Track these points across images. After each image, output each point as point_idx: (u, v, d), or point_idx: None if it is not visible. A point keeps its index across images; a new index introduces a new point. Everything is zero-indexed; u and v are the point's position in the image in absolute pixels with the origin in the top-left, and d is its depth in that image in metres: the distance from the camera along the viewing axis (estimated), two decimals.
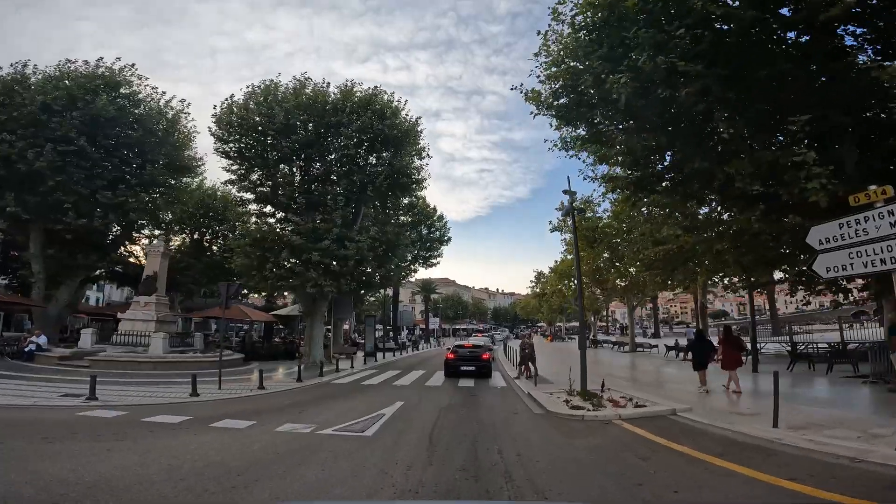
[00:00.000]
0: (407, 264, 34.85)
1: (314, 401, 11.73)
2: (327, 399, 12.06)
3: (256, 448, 6.78)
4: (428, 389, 14.06)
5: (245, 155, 22.29)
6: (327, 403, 11.23)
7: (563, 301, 43.17)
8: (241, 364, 22.04)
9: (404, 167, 22.10)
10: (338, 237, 19.78)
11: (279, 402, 11.57)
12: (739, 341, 12.59)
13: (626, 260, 19.75)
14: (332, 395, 12.76)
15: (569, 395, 11.68)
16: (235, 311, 26.65)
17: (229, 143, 21.82)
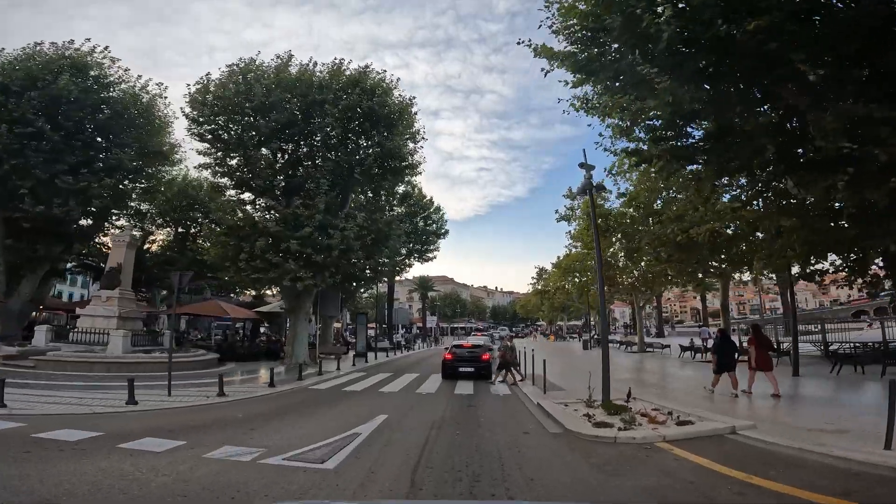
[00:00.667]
0: (402, 259, 32.77)
1: (278, 413, 9.64)
2: (295, 411, 9.96)
3: (156, 485, 4.76)
4: (419, 398, 11.98)
5: (221, 137, 20.27)
6: (292, 417, 9.13)
7: (567, 298, 41.09)
8: (216, 365, 20.00)
9: (396, 149, 19.98)
10: (320, 225, 17.67)
11: (233, 413, 9.47)
12: (769, 340, 11.74)
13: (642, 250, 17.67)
14: (303, 406, 10.65)
15: (588, 407, 9.62)
16: (213, 308, 24.55)
17: (204, 124, 19.78)
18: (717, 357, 11.33)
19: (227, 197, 21.12)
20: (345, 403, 11.07)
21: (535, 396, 11.66)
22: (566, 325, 69.28)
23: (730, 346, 11.51)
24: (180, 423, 8.19)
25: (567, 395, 11.88)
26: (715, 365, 11.32)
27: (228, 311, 23.38)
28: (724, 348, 11.37)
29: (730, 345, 11.60)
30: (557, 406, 10.07)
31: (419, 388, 13.63)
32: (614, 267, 30.51)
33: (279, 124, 19.21)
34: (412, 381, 15.49)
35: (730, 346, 11.51)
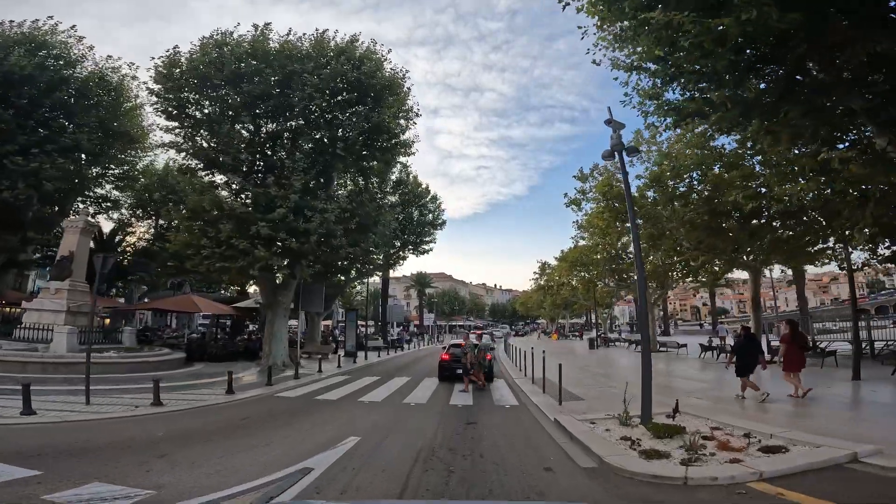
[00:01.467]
0: (395, 251, 30.43)
1: (215, 432, 7.36)
2: (239, 429, 7.65)
3: None
4: (406, 411, 9.68)
5: (187, 112, 17.96)
6: (227, 440, 6.82)
7: (572, 294, 38.80)
8: (181, 366, 17.69)
9: (383, 123, 17.61)
10: (297, 207, 15.34)
11: (153, 431, 7.18)
12: (806, 339, 10.73)
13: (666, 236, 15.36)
14: (254, 422, 8.33)
15: (623, 426, 7.38)
16: (186, 303, 22.21)
17: (172, 100, 17.49)
18: (739, 358, 10.01)
19: (196, 179, 18.79)
20: (310, 418, 8.76)
21: (549, 409, 9.38)
22: (568, 322, 66.99)
23: (755, 347, 10.18)
24: (65, 444, 6.00)
25: (588, 407, 9.63)
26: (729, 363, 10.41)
27: (201, 307, 21.03)
28: (748, 349, 10.05)
29: (755, 346, 10.26)
30: (582, 425, 7.78)
31: (408, 397, 11.32)
32: (625, 260, 28.32)
33: (252, 96, 16.93)
34: (401, 388, 13.22)
35: (755, 347, 10.18)
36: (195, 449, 6.23)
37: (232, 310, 24.43)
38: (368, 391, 12.41)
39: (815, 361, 17.01)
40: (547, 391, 11.61)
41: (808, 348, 11.62)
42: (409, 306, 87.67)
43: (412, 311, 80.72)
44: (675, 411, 8.01)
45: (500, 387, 13.37)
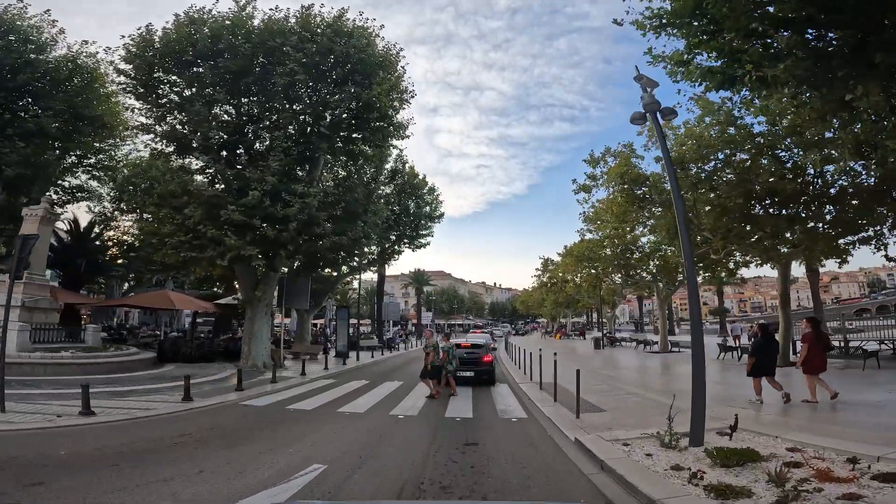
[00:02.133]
0: (391, 245, 28.72)
1: (130, 453, 5.72)
2: (166, 451, 5.96)
3: None
4: (391, 426, 7.98)
5: (158, 93, 16.33)
6: (133, 469, 5.09)
7: (576, 291, 37.08)
8: (150, 367, 16.06)
9: (373, 100, 15.92)
10: (274, 190, 13.66)
11: (49, 450, 5.55)
12: (829, 338, 10.31)
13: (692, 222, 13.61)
14: (193, 440, 6.62)
15: (667, 448, 5.73)
16: (160, 299, 20.52)
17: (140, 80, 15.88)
18: (759, 358, 9.19)
19: (168, 163, 17.10)
20: (271, 435, 7.06)
21: (565, 424, 7.71)
22: (570, 321, 65.33)
23: (773, 347, 9.68)
24: None
25: (612, 420, 7.96)
26: (749, 368, 9.26)
27: (177, 303, 19.31)
28: (766, 348, 9.41)
29: (774, 345, 9.78)
30: (613, 447, 6.10)
31: (397, 407, 9.64)
32: (635, 253, 26.63)
33: (228, 73, 15.31)
34: (391, 394, 11.55)
35: (773, 347, 9.68)
36: (80, 479, 4.57)
37: (214, 307, 22.71)
38: (352, 399, 10.73)
39: (855, 363, 15.42)
40: (559, 399, 9.95)
41: (831, 348, 10.89)
42: (408, 305, 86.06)
43: (410, 310, 79.10)
44: (733, 428, 6.32)
45: (504, 394, 11.69)
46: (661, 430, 6.59)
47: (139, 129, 17.55)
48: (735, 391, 10.66)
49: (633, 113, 8.23)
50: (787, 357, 16.18)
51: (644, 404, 9.53)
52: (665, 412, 8.62)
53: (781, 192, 12.92)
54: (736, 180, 12.98)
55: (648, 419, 8.03)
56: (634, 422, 7.81)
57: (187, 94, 16.33)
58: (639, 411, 8.77)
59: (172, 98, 16.47)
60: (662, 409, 8.85)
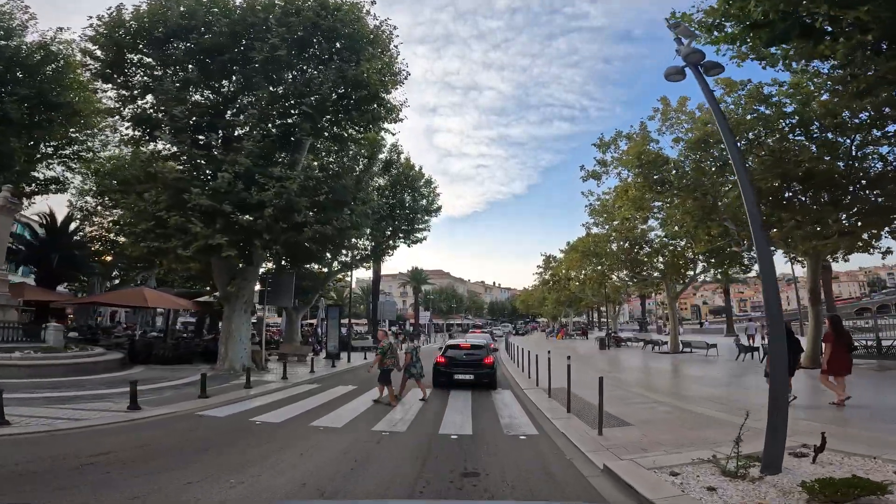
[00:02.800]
0: (385, 239, 27.19)
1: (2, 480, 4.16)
2: (52, 479, 4.44)
3: None
4: (372, 448, 6.48)
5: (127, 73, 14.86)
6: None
7: (579, 289, 35.54)
8: (117, 369, 14.65)
9: (362, 77, 14.44)
10: (248, 173, 12.17)
11: None
12: (851, 338, 9.53)
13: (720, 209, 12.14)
14: (99, 468, 5.09)
15: (734, 478, 4.27)
16: (135, 296, 19.02)
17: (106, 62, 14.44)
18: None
19: (139, 150, 15.61)
20: (212, 460, 5.56)
21: (587, 444, 6.24)
22: (571, 321, 63.82)
23: (794, 346, 8.72)
24: None
25: (643, 438, 6.49)
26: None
27: (151, 301, 17.79)
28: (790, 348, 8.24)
29: (793, 343, 8.71)
30: (658, 478, 4.62)
31: (381, 420, 8.14)
32: (643, 247, 25.20)
33: (203, 51, 13.87)
34: (377, 403, 10.04)
35: (794, 346, 8.72)
36: None
37: (193, 305, 21.19)
38: (332, 409, 9.23)
39: (889, 364, 14.01)
40: (573, 409, 8.48)
41: (854, 348, 10.17)
42: (406, 304, 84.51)
43: (409, 310, 77.59)
44: (818, 448, 4.83)
45: (508, 402, 10.20)
46: (717, 451, 5.14)
47: (106, 113, 16.10)
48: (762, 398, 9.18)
49: (669, 68, 6.75)
50: (816, 358, 14.79)
51: (676, 415, 8.06)
52: (704, 424, 7.23)
53: (819, 175, 11.48)
54: (770, 160, 11.54)
55: (688, 435, 6.58)
56: (672, 439, 6.34)
57: (159, 73, 14.91)
58: (672, 425, 7.29)
59: (143, 80, 15.01)
60: (701, 422, 7.43)
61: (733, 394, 10.38)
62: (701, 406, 8.80)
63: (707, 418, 7.73)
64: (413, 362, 10.39)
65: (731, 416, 7.77)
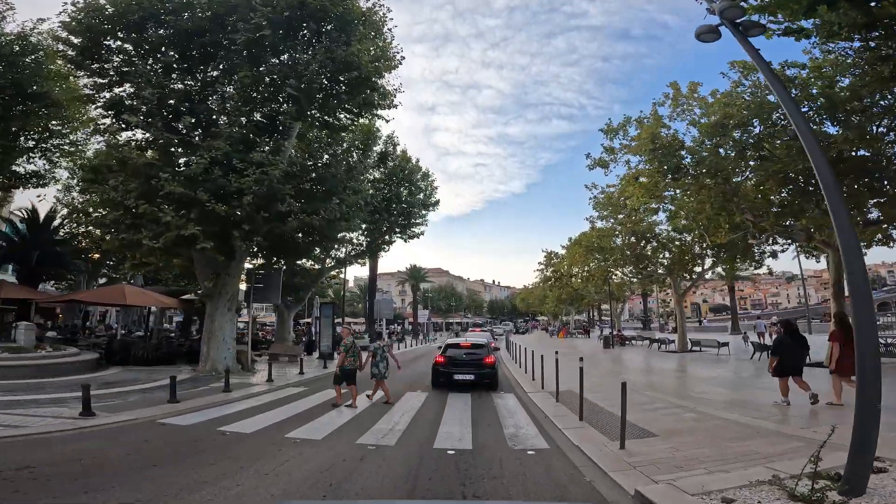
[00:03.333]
0: (381, 235, 26.14)
1: None
2: None
3: None
4: (353, 466, 5.47)
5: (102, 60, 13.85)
6: None
7: (582, 286, 34.52)
8: (90, 370, 13.69)
9: (353, 58, 13.42)
10: (226, 158, 11.15)
11: None
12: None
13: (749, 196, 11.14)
14: (24, 481, 4.11)
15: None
16: (113, 293, 18.03)
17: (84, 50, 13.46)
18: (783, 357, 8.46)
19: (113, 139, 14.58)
20: (151, 483, 4.53)
21: (609, 462, 5.24)
22: (573, 319, 62.80)
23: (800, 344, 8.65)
24: None
25: (676, 452, 5.49)
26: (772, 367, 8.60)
27: (129, 298, 16.76)
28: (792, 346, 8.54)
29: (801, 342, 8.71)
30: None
31: (368, 431, 7.12)
32: (650, 243, 24.22)
33: (180, 33, 12.87)
34: (366, 410, 9.04)
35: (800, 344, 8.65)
36: None
37: (179, 303, 20.17)
38: (314, 416, 8.22)
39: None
40: (586, 417, 7.48)
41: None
42: (405, 303, 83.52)
43: (407, 308, 76.61)
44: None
45: (512, 408, 9.19)
46: (775, 468, 4.16)
47: (80, 100, 15.12)
48: (801, 402, 8.17)
49: (701, 27, 5.81)
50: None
51: (706, 423, 7.05)
52: (744, 434, 6.22)
53: (850, 161, 10.52)
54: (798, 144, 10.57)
55: (730, 448, 5.58)
56: (712, 454, 5.34)
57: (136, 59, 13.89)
58: (706, 435, 6.29)
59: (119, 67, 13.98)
60: (738, 431, 6.41)
61: (761, 396, 9.37)
62: (730, 411, 7.80)
63: (743, 426, 6.73)
64: (376, 362, 9.63)
65: (770, 424, 6.80)
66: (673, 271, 24.31)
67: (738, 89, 13.73)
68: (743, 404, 8.52)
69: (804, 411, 7.80)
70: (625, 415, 5.82)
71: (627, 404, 6.09)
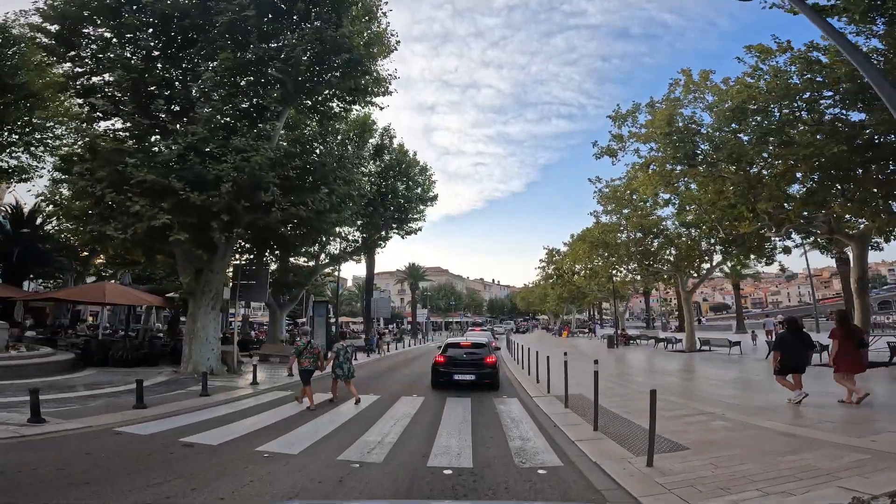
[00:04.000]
0: (378, 230, 25.23)
1: None
2: None
3: None
4: (330, 491, 4.56)
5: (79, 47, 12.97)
6: None
7: (586, 284, 33.60)
8: (64, 371, 12.88)
9: (343, 41, 12.55)
10: (203, 144, 10.26)
11: None
12: (862, 334, 8.73)
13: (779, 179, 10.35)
14: None
15: None
16: (93, 291, 17.13)
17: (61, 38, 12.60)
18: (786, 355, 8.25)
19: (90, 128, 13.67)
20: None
21: (638, 485, 4.34)
22: (574, 318, 61.89)
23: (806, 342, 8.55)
24: None
25: (715, 469, 4.62)
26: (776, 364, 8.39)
27: (109, 296, 15.83)
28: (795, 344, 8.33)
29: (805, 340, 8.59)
30: None
31: (354, 444, 6.23)
32: (657, 238, 23.32)
33: (158, 16, 12.01)
34: (354, 418, 8.15)
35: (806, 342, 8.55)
36: None
37: (163, 301, 19.26)
38: (294, 425, 7.31)
39: None
40: (601, 427, 6.57)
41: (865, 345, 9.66)
42: (403, 302, 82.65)
43: (406, 308, 75.72)
44: None
45: (516, 416, 8.27)
46: (847, 487, 3.28)
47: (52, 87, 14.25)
48: (835, 406, 7.29)
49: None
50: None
51: (743, 433, 6.14)
52: (792, 446, 5.34)
53: (885, 146, 9.66)
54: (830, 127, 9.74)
55: (782, 463, 4.69)
56: (760, 470, 4.46)
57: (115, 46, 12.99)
58: (746, 447, 5.38)
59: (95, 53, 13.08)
60: (784, 443, 5.49)
61: (783, 397, 8.48)
62: (765, 418, 6.90)
63: (786, 436, 5.85)
64: (340, 363, 9.40)
65: (817, 433, 5.92)
66: (680, 268, 23.42)
67: (756, 73, 12.90)
68: (777, 410, 7.63)
69: (849, 415, 6.94)
70: (654, 428, 4.92)
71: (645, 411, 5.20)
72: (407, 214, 24.66)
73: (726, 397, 8.91)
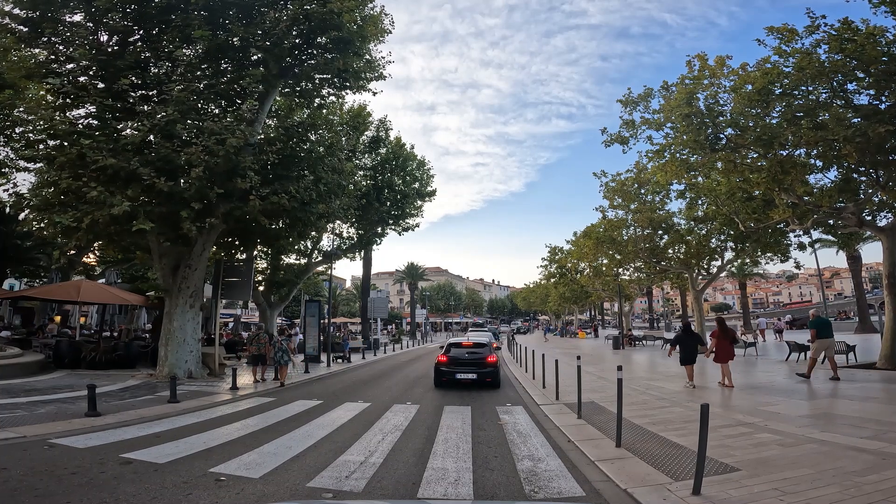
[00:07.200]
0: (373, 226, 24.19)
1: None
2: None
3: None
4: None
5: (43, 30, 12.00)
6: None
7: (590, 282, 32.50)
8: (33, 373, 12.04)
9: (332, 17, 11.55)
10: (172, 126, 9.25)
11: None
12: (734, 333, 11.53)
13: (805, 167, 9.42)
14: None
15: None
16: (66, 289, 16.09)
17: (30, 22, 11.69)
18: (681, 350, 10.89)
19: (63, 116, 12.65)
20: None
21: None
22: (576, 318, 60.82)
23: (695, 339, 11.17)
24: None
25: (778, 493, 3.54)
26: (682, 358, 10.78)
27: (83, 294, 14.78)
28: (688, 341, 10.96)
29: (694, 338, 11.20)
30: None
31: (332, 464, 5.21)
32: (667, 233, 22.32)
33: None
34: (337, 430, 7.11)
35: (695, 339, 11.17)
36: None
37: (143, 300, 18.22)
38: (265, 439, 6.26)
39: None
40: (625, 443, 5.54)
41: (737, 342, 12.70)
42: (402, 302, 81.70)
43: (405, 308, 74.76)
44: None
45: (524, 428, 7.21)
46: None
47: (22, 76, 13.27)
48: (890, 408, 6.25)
49: None
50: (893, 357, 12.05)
51: (799, 448, 5.10)
52: (867, 464, 4.28)
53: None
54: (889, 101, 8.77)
55: (862, 486, 3.65)
56: (843, 498, 3.40)
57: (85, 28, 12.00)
58: (811, 465, 4.36)
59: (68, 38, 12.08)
60: (854, 458, 4.44)
61: (844, 407, 7.44)
62: (819, 429, 5.87)
63: (854, 450, 4.84)
64: (275, 352, 12.26)
65: (890, 446, 4.87)
66: (690, 265, 22.41)
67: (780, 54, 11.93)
68: (829, 419, 6.62)
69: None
70: (704, 448, 3.88)
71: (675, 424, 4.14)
72: (404, 209, 23.63)
73: (762, 404, 7.87)
